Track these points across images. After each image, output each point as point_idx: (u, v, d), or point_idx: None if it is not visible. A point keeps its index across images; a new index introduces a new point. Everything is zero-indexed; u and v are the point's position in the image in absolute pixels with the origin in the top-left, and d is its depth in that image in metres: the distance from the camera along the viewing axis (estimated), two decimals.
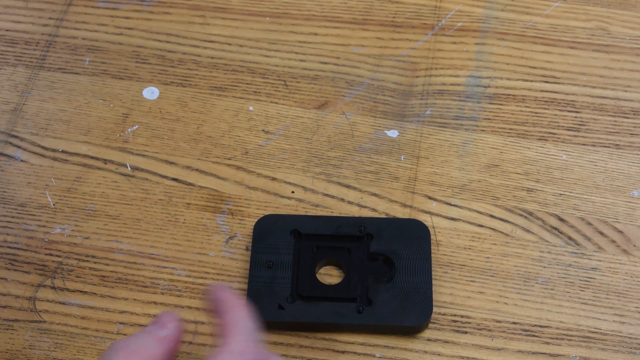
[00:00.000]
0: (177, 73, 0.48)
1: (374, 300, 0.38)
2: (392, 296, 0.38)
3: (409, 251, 0.40)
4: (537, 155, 0.45)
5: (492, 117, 0.46)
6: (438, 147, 0.45)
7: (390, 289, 0.39)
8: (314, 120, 0.46)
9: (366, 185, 0.44)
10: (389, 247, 0.40)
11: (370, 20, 0.50)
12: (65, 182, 0.44)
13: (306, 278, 0.39)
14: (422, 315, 0.38)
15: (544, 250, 0.41)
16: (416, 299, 0.38)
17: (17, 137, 0.46)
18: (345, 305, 0.38)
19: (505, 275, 0.40)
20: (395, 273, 0.39)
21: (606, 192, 0.43)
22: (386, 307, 0.38)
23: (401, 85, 0.47)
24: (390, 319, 0.38)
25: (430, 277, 0.39)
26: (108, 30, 0.50)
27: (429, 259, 0.40)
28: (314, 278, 0.40)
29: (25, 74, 0.49)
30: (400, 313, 0.38)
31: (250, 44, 0.49)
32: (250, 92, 0.47)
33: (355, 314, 0.38)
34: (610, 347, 0.38)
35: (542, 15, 0.50)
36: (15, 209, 0.43)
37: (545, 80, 0.47)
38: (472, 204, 0.43)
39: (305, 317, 0.38)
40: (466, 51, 0.49)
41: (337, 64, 0.48)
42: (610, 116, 0.46)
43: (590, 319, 0.39)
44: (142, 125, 0.46)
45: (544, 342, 0.38)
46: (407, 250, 0.40)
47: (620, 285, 0.40)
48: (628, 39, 0.49)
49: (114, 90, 0.48)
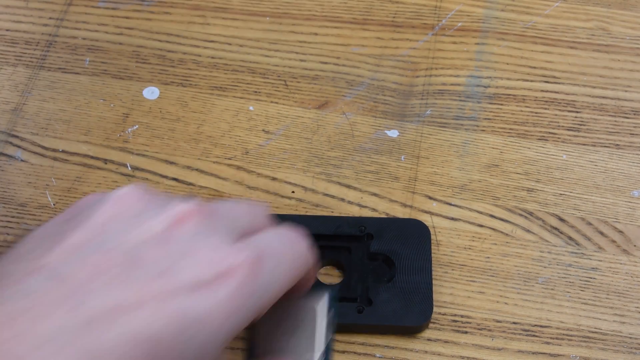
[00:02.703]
0: (177, 73, 0.48)
1: (374, 300, 0.38)
2: (392, 296, 0.38)
3: (409, 251, 0.40)
4: (537, 155, 0.45)
5: (492, 117, 0.46)
6: (438, 147, 0.45)
7: (390, 289, 0.39)
8: (314, 120, 0.46)
9: (366, 185, 0.44)
10: (389, 247, 0.40)
11: (370, 20, 0.50)
12: (65, 182, 0.44)
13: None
14: (422, 315, 0.38)
15: (544, 250, 0.41)
16: (417, 298, 0.38)
17: (17, 137, 0.46)
18: (346, 305, 0.38)
19: (505, 275, 0.40)
20: (395, 273, 0.39)
21: (606, 192, 0.43)
22: (387, 307, 0.38)
23: (401, 85, 0.47)
24: (390, 319, 0.38)
25: (430, 276, 0.39)
26: (108, 30, 0.50)
27: (429, 258, 0.40)
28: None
29: (25, 74, 0.49)
30: (401, 313, 0.38)
31: (250, 43, 0.50)
32: (251, 92, 0.47)
33: (356, 314, 0.38)
34: (610, 347, 0.38)
35: (542, 15, 0.50)
36: (15, 208, 0.43)
37: (545, 80, 0.47)
38: (472, 204, 0.43)
39: None
40: (466, 51, 0.49)
41: (337, 64, 0.48)
42: (611, 116, 0.46)
43: (591, 319, 0.39)
44: (142, 125, 0.46)
45: (544, 342, 0.38)
46: (408, 250, 0.40)
47: (621, 285, 0.40)
48: (628, 39, 0.49)
49: (114, 90, 0.48)
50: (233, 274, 0.25)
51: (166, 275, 0.25)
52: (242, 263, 0.26)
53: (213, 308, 0.25)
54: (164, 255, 0.26)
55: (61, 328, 0.23)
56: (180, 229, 0.27)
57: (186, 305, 0.25)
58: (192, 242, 0.26)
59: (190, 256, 0.26)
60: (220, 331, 0.25)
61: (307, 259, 0.30)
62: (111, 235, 0.26)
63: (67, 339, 0.23)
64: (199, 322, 0.25)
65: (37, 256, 0.26)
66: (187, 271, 0.25)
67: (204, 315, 0.25)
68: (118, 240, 0.26)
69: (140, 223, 0.27)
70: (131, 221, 0.27)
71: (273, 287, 0.27)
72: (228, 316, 0.25)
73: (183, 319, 0.24)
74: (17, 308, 0.24)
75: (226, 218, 0.28)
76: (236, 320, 0.26)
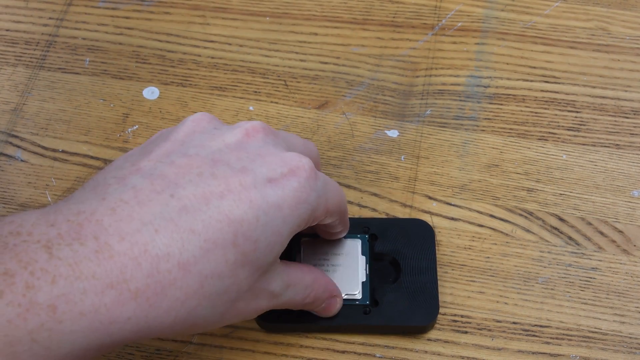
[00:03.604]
0: (177, 73, 0.48)
1: (380, 301, 0.38)
2: (398, 296, 0.38)
3: (414, 251, 0.40)
4: (537, 155, 0.45)
5: (492, 117, 0.46)
6: (438, 147, 0.45)
7: (396, 289, 0.39)
8: (314, 120, 0.46)
9: (366, 185, 0.44)
10: (394, 248, 0.40)
11: (370, 20, 0.50)
12: (65, 182, 0.44)
13: None
14: (429, 315, 0.38)
15: (544, 250, 0.41)
16: (422, 298, 0.38)
17: (17, 137, 0.46)
18: (352, 307, 0.38)
19: (505, 275, 0.40)
20: (400, 273, 0.39)
21: (606, 192, 0.43)
22: (393, 308, 0.38)
23: (401, 85, 0.47)
24: (397, 319, 0.38)
25: (435, 276, 0.39)
26: (108, 30, 0.50)
27: (434, 258, 0.40)
28: None
29: (25, 74, 0.49)
30: (408, 313, 0.38)
31: (250, 44, 0.50)
32: (251, 92, 0.47)
33: (362, 315, 0.38)
34: (610, 347, 0.38)
35: (542, 15, 0.50)
36: (15, 209, 0.43)
37: (545, 80, 0.47)
38: (472, 204, 0.43)
39: (310, 321, 0.38)
40: (466, 51, 0.49)
41: (337, 64, 0.48)
42: (611, 116, 0.46)
43: (591, 318, 0.39)
44: (142, 125, 0.46)
45: (544, 342, 0.38)
46: (412, 250, 0.40)
47: (621, 285, 0.40)
48: (628, 39, 0.49)
49: (114, 90, 0.48)
50: (297, 172, 0.31)
51: (245, 171, 0.30)
52: (304, 165, 0.31)
53: (285, 196, 0.30)
54: (241, 157, 0.31)
55: (159, 212, 0.28)
56: (251, 139, 0.32)
57: (263, 194, 0.30)
58: (263, 149, 0.32)
59: (262, 158, 0.31)
60: (289, 218, 0.30)
61: (344, 199, 0.35)
62: (193, 145, 0.31)
63: (164, 221, 0.28)
64: (274, 207, 0.30)
65: (130, 165, 0.30)
66: (262, 169, 0.30)
67: (277, 202, 0.30)
68: (201, 147, 0.31)
69: (217, 136, 0.32)
70: (209, 134, 0.32)
71: (326, 195, 0.32)
72: (296, 205, 0.30)
73: (262, 204, 0.29)
74: (117, 200, 0.28)
75: (286, 140, 0.34)
76: (301, 212, 0.31)
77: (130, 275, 0.26)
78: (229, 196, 0.29)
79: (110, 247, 0.26)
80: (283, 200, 0.30)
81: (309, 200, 0.31)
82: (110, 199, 0.28)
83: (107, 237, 0.27)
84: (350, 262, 0.39)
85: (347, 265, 0.39)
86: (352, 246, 0.39)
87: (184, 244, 0.27)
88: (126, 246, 0.27)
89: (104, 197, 0.28)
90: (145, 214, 0.28)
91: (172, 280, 0.27)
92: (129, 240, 0.27)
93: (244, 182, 0.30)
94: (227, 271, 0.29)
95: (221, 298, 0.29)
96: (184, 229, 0.28)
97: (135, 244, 0.27)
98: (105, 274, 0.26)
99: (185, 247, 0.27)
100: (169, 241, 0.27)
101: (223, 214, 0.29)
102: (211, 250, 0.28)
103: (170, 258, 0.27)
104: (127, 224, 0.27)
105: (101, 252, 0.26)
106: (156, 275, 0.27)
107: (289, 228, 0.31)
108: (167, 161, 0.30)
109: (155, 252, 0.27)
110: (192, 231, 0.28)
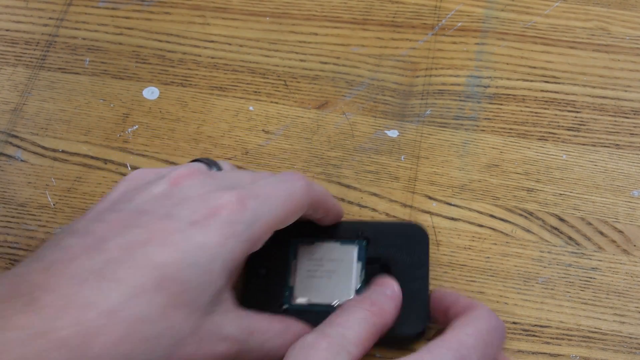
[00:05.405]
0: (177, 73, 0.48)
1: None
2: None
3: (406, 257, 0.38)
4: (537, 155, 0.45)
5: (492, 117, 0.46)
6: (438, 147, 0.45)
7: None
8: (314, 120, 0.46)
9: (366, 185, 0.44)
10: (385, 253, 0.39)
11: (370, 20, 0.50)
12: (65, 182, 0.44)
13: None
14: (417, 324, 0.36)
15: (544, 250, 0.41)
16: (411, 307, 0.36)
17: (17, 137, 0.46)
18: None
19: (505, 275, 0.40)
20: None
21: (606, 192, 0.43)
22: None
23: (401, 85, 0.47)
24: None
25: (427, 284, 0.37)
26: (108, 30, 0.50)
27: (426, 265, 0.38)
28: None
29: (25, 74, 0.49)
30: (395, 322, 0.35)
31: (250, 44, 0.50)
32: (251, 92, 0.47)
33: None
34: (610, 347, 0.38)
35: (542, 15, 0.50)
36: (15, 209, 0.43)
37: (545, 80, 0.47)
38: (472, 204, 0.43)
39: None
40: (466, 51, 0.49)
41: (337, 64, 0.48)
42: (611, 116, 0.46)
43: (591, 318, 0.39)
44: (142, 125, 0.46)
45: (544, 342, 0.38)
46: (404, 256, 0.38)
47: (621, 285, 0.40)
48: (628, 39, 0.49)
49: (114, 90, 0.48)
50: (219, 210, 0.31)
51: (169, 216, 0.31)
52: (226, 203, 0.32)
53: (208, 237, 0.31)
54: (165, 205, 0.32)
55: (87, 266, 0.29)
56: (177, 186, 0.33)
57: (188, 236, 0.30)
58: (189, 192, 0.33)
59: (187, 202, 0.32)
60: (218, 256, 0.31)
61: (298, 196, 0.35)
62: (123, 201, 0.33)
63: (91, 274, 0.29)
64: (199, 247, 0.30)
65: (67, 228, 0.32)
66: (185, 212, 0.31)
67: (202, 242, 0.31)
68: (129, 202, 0.33)
69: (145, 189, 0.33)
70: (138, 189, 0.33)
71: (261, 219, 0.32)
72: (223, 242, 0.31)
73: (186, 246, 0.30)
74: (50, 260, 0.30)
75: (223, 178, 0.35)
76: (231, 247, 0.31)
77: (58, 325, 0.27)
78: (153, 242, 0.30)
79: (39, 300, 0.28)
80: (209, 239, 0.31)
81: (236, 234, 0.31)
82: (45, 260, 0.30)
83: (39, 292, 0.28)
84: (345, 269, 0.38)
85: (341, 272, 0.38)
86: (347, 252, 0.39)
87: (109, 293, 0.29)
88: (53, 298, 0.28)
89: (41, 260, 0.30)
90: (74, 268, 0.29)
91: (99, 327, 0.28)
92: (58, 293, 0.28)
93: (167, 227, 0.31)
94: (156, 315, 0.29)
95: (159, 342, 0.29)
96: (109, 279, 0.29)
97: (62, 296, 0.28)
98: (32, 325, 0.27)
99: (109, 295, 0.29)
100: (94, 291, 0.29)
101: (147, 259, 0.30)
102: (136, 295, 0.29)
103: (95, 306, 0.28)
104: (57, 279, 0.29)
105: (30, 305, 0.28)
106: (83, 323, 0.28)
107: (219, 265, 0.31)
108: (98, 219, 0.32)
109: (80, 302, 0.28)
110: (116, 280, 0.29)
